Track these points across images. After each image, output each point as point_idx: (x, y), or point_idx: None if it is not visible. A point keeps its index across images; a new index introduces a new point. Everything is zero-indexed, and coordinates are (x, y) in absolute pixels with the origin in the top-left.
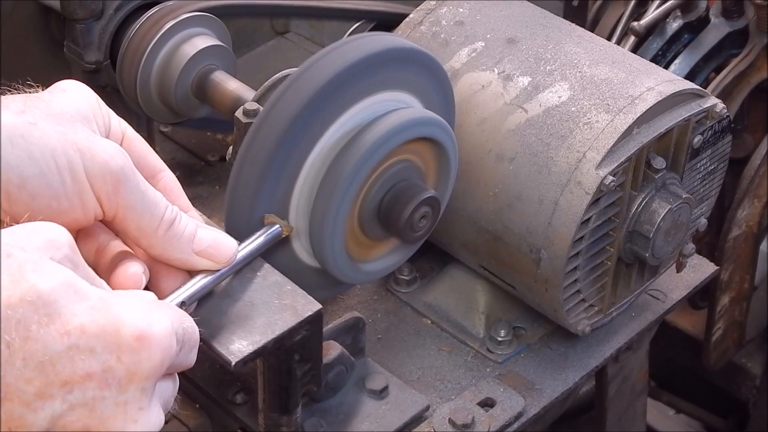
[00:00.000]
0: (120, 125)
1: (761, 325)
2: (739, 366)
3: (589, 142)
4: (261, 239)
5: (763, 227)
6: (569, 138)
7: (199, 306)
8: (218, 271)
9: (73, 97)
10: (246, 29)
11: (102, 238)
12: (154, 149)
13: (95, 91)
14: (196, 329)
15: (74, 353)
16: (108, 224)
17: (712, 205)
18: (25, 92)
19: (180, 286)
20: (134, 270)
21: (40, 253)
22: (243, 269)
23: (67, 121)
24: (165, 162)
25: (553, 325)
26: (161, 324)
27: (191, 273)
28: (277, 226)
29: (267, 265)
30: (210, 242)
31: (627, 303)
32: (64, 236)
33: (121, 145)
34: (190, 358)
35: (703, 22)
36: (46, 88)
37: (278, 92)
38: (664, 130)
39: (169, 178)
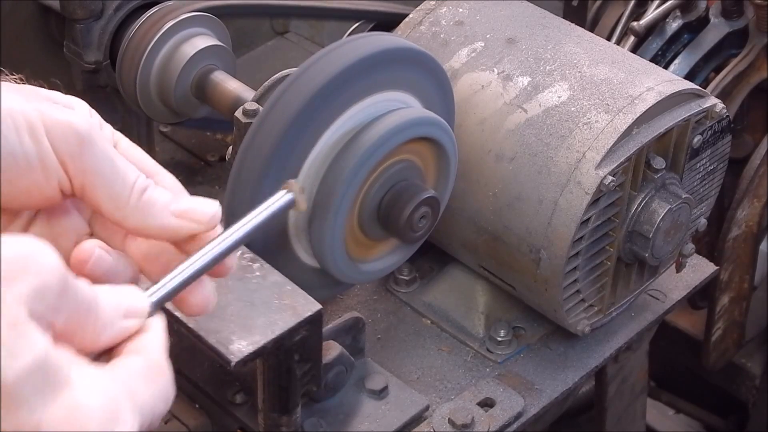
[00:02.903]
0: (113, 135)
1: (761, 325)
2: (738, 366)
3: (588, 142)
4: (267, 211)
5: (763, 227)
6: (569, 138)
7: None
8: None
9: (57, 93)
10: (246, 29)
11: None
12: (154, 149)
13: (94, 91)
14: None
15: None
16: (79, 202)
17: (711, 205)
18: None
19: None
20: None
21: (19, 308)
22: (242, 269)
23: (36, 97)
24: (165, 162)
25: (552, 325)
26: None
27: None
28: (287, 192)
29: (267, 265)
30: (189, 204)
31: (627, 303)
32: (54, 276)
33: None
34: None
35: (703, 22)
36: (46, 87)
37: (278, 92)
38: (663, 130)
39: (168, 178)
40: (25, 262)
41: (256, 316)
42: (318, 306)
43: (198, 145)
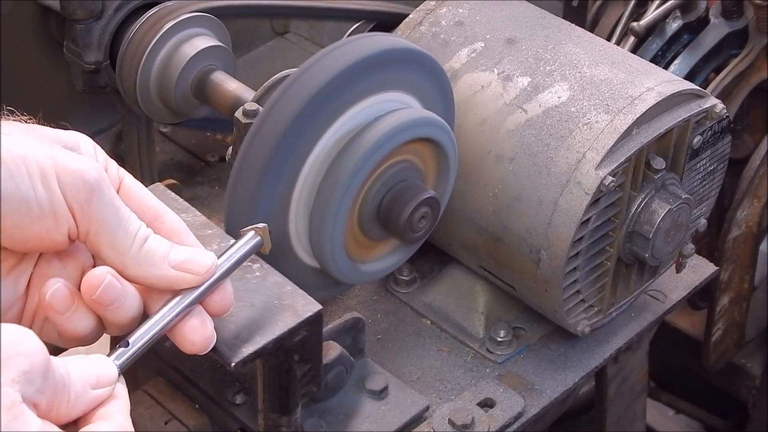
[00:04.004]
0: (118, 172)
1: (761, 325)
2: (738, 366)
3: (588, 143)
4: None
5: (763, 227)
6: (569, 138)
7: None
8: (194, 291)
9: (63, 131)
10: (246, 29)
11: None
12: (154, 149)
13: (94, 91)
14: None
15: None
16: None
17: (711, 206)
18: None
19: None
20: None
21: (14, 393)
22: (242, 270)
23: (45, 140)
24: (165, 162)
25: (552, 326)
26: None
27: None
28: (252, 233)
29: (267, 266)
30: (186, 254)
31: (626, 303)
32: (39, 358)
33: (118, 191)
34: None
35: (703, 22)
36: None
37: (278, 93)
38: (663, 130)
39: (173, 219)
40: (15, 347)
41: (256, 316)
42: (318, 306)
43: (198, 145)
